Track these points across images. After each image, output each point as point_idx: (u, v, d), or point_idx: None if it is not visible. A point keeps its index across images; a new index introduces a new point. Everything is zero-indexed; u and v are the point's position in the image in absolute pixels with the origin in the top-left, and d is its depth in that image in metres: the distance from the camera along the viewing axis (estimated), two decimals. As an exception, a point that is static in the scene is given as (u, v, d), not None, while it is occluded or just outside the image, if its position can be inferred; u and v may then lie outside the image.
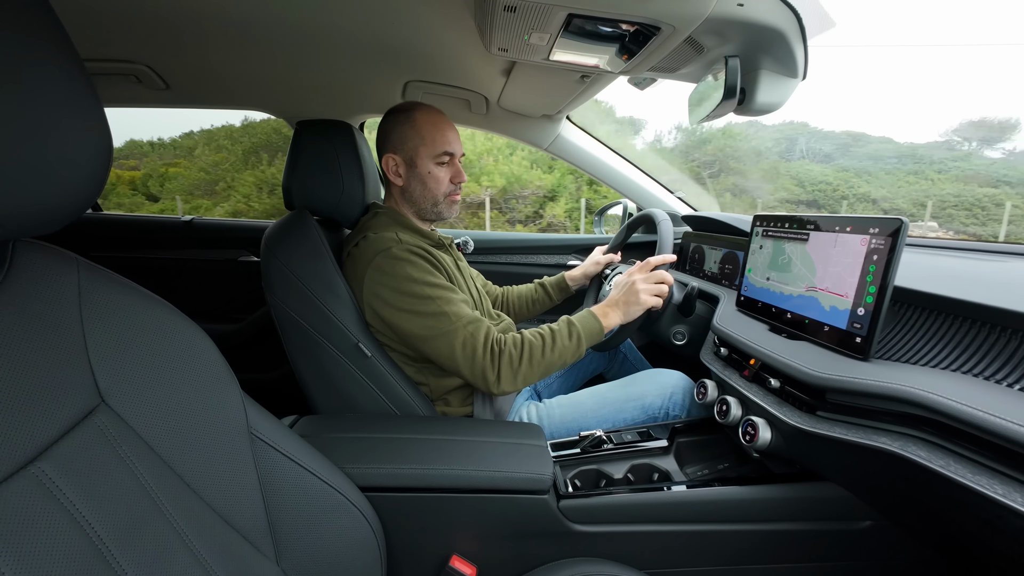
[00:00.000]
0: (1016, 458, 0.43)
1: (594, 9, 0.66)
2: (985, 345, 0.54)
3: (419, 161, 0.93)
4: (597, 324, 0.89)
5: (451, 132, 0.96)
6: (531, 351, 0.84)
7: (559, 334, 0.86)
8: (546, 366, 0.85)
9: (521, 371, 0.83)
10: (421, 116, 0.93)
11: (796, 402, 0.68)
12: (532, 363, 0.83)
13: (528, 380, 0.84)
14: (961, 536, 0.58)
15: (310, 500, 0.56)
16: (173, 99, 1.39)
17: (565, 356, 0.86)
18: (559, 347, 0.85)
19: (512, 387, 0.83)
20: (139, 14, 0.94)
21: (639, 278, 0.93)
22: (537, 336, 0.86)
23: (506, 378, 0.82)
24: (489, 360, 0.82)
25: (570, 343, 0.86)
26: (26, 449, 0.34)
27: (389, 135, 0.95)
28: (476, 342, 0.82)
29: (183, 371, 0.47)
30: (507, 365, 0.82)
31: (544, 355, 0.84)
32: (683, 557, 0.76)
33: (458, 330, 0.82)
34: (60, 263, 0.42)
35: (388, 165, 0.95)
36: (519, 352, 0.83)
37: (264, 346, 1.67)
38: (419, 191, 0.95)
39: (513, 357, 0.83)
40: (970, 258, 0.82)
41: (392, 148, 0.94)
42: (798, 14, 0.74)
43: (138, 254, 1.74)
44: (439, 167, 0.95)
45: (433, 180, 0.95)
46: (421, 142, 0.93)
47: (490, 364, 0.82)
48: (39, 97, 0.33)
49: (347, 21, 0.95)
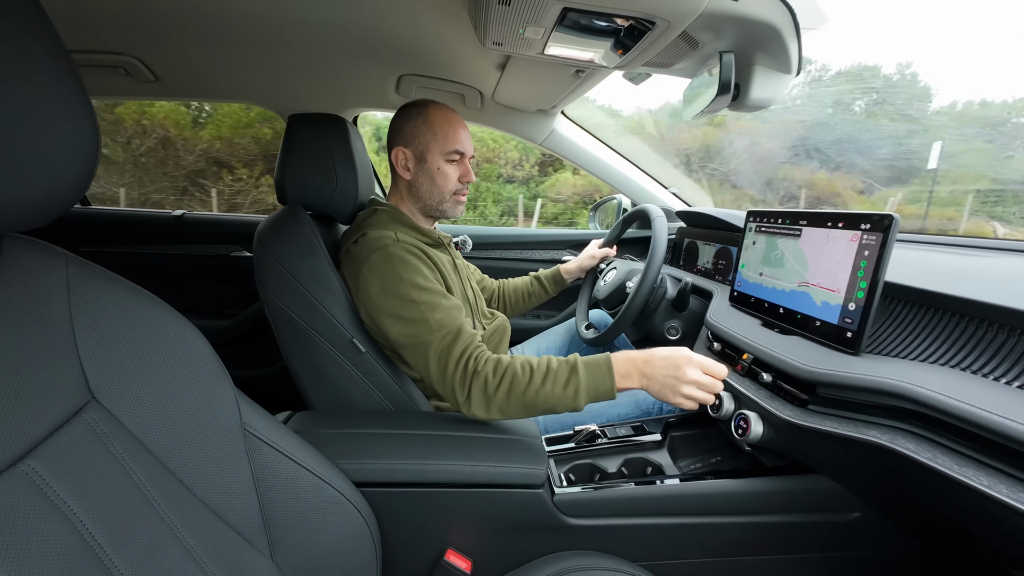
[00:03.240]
0: (1001, 451, 0.44)
1: (589, 3, 0.66)
2: (973, 340, 0.55)
3: (429, 157, 0.93)
4: (608, 382, 0.71)
5: (463, 131, 0.95)
6: (512, 382, 0.72)
7: (552, 378, 0.72)
8: (526, 405, 0.72)
9: (496, 400, 0.72)
10: (434, 113, 0.93)
11: (788, 396, 0.69)
12: (510, 396, 0.72)
13: (506, 412, 0.73)
14: (948, 527, 0.59)
15: (304, 496, 0.56)
16: (163, 91, 1.37)
17: (553, 403, 0.72)
18: (546, 391, 0.71)
19: (484, 413, 0.73)
20: (127, 5, 0.93)
21: (696, 365, 0.71)
22: (527, 369, 0.73)
23: (477, 402, 0.73)
24: (459, 377, 0.74)
25: (564, 392, 0.71)
26: (15, 447, 0.34)
27: (401, 128, 0.94)
28: (450, 355, 0.75)
29: (175, 367, 0.46)
30: (479, 388, 0.73)
31: (526, 393, 0.71)
32: (676, 549, 0.77)
33: (434, 341, 0.77)
34: (48, 258, 0.41)
35: (398, 158, 0.94)
36: (497, 379, 0.72)
37: (257, 342, 1.66)
38: (427, 187, 0.95)
39: (489, 382, 0.72)
40: (960, 254, 0.83)
41: (403, 141, 0.94)
42: (792, 10, 0.74)
43: (128, 249, 1.72)
44: (449, 164, 0.94)
45: (442, 177, 0.94)
46: (433, 138, 0.93)
47: (459, 381, 0.74)
48: (24, 90, 0.33)
49: (340, 14, 0.94)
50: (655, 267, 0.99)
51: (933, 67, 12.82)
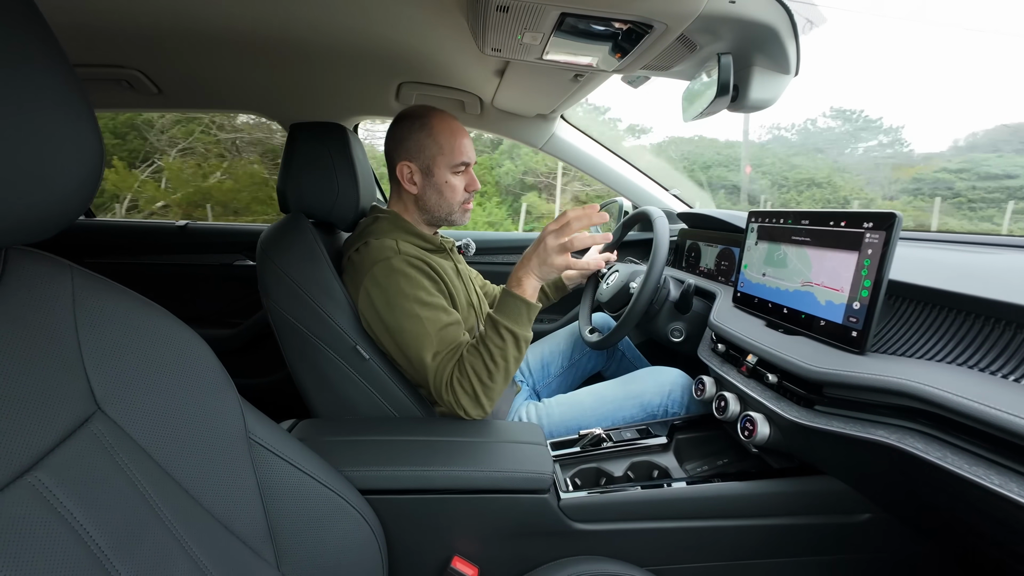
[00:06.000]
0: (1013, 448, 0.44)
1: (587, 8, 0.66)
2: (980, 337, 0.54)
3: (436, 170, 0.92)
4: (516, 301, 0.80)
5: (467, 140, 0.94)
6: (475, 373, 0.79)
7: (489, 339, 0.79)
8: (501, 374, 0.79)
9: (480, 396, 0.80)
10: (438, 124, 0.92)
11: (794, 397, 0.68)
12: (483, 381, 0.79)
13: (493, 396, 0.81)
14: (959, 527, 0.59)
15: (310, 504, 0.56)
16: (165, 103, 1.39)
17: (507, 354, 0.79)
18: (496, 351, 0.78)
19: (480, 412, 0.81)
20: (130, 19, 0.94)
21: (551, 233, 0.79)
22: (474, 353, 0.80)
23: (472, 409, 0.80)
24: (452, 398, 0.80)
25: (503, 341, 0.79)
26: (22, 459, 0.34)
27: (404, 142, 0.92)
28: (441, 380, 0.80)
29: (180, 377, 0.46)
30: (465, 397, 0.80)
31: (488, 367, 0.79)
32: (684, 553, 0.77)
33: (429, 365, 0.81)
34: (53, 270, 0.41)
35: (403, 173, 0.93)
36: (468, 380, 0.79)
37: (261, 350, 1.66)
38: (435, 200, 0.94)
39: (465, 388, 0.79)
40: (964, 251, 0.82)
41: (407, 156, 0.92)
42: (789, 11, 0.74)
43: (132, 260, 1.73)
44: (455, 176, 0.94)
45: (450, 189, 0.93)
46: (439, 151, 0.91)
47: (453, 400, 0.80)
48: (29, 103, 0.33)
49: (340, 23, 0.94)
50: (658, 269, 0.98)
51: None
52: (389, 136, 0.96)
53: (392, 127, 0.96)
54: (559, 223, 0.78)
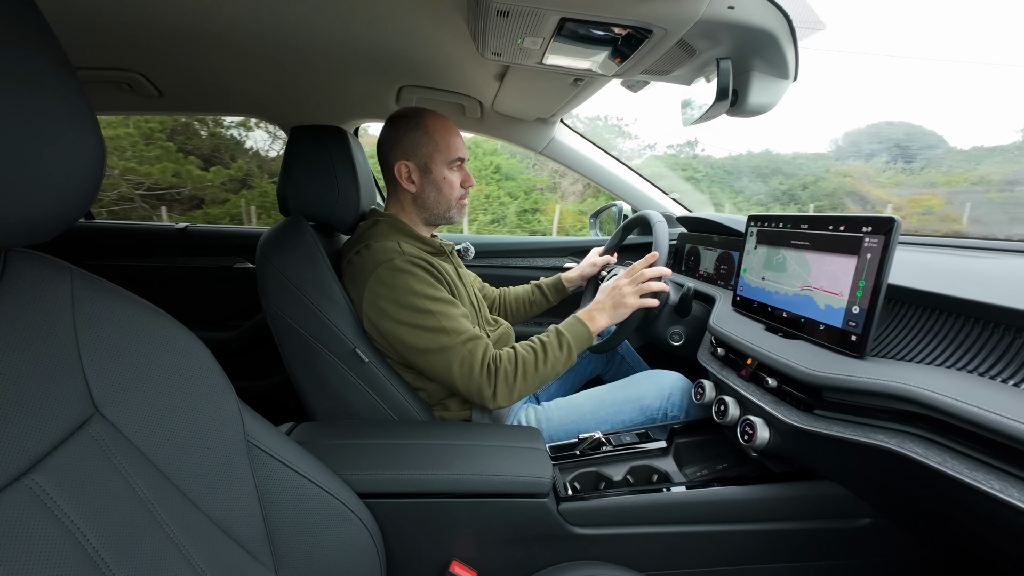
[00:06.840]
0: (1013, 453, 0.44)
1: (586, 13, 0.66)
2: (980, 341, 0.54)
3: (434, 167, 0.94)
4: (585, 329, 0.90)
5: (460, 137, 0.97)
6: (524, 366, 0.84)
7: (550, 346, 0.87)
8: (540, 379, 0.86)
9: (516, 386, 0.84)
10: (433, 122, 0.94)
11: (793, 401, 0.68)
12: (527, 378, 0.84)
13: (523, 393, 0.85)
14: (960, 532, 0.58)
15: (308, 508, 0.55)
16: (166, 106, 1.39)
17: (557, 367, 0.87)
18: (551, 359, 0.86)
19: (507, 402, 0.84)
20: (131, 22, 0.94)
21: (625, 281, 0.94)
22: (530, 350, 0.87)
23: (502, 394, 0.83)
24: (486, 378, 0.82)
25: (561, 353, 0.87)
26: (19, 461, 0.34)
27: (400, 142, 0.94)
28: (474, 359, 0.82)
29: (178, 379, 0.46)
30: (503, 382, 0.83)
31: (537, 368, 0.85)
32: (683, 558, 0.76)
33: (456, 347, 0.82)
34: (53, 272, 0.41)
35: (401, 172, 0.94)
36: (514, 368, 0.84)
37: (260, 353, 1.66)
38: (433, 197, 0.96)
39: (508, 373, 0.83)
40: (963, 255, 0.83)
41: (404, 155, 0.94)
42: (788, 16, 0.75)
43: (132, 262, 1.72)
44: (452, 172, 0.96)
45: (447, 185, 0.95)
46: (436, 148, 0.93)
47: (487, 382, 0.82)
48: (30, 106, 0.33)
49: (341, 27, 0.95)
50: None
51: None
52: (383, 138, 0.97)
53: (386, 129, 0.97)
54: (631, 274, 0.95)
